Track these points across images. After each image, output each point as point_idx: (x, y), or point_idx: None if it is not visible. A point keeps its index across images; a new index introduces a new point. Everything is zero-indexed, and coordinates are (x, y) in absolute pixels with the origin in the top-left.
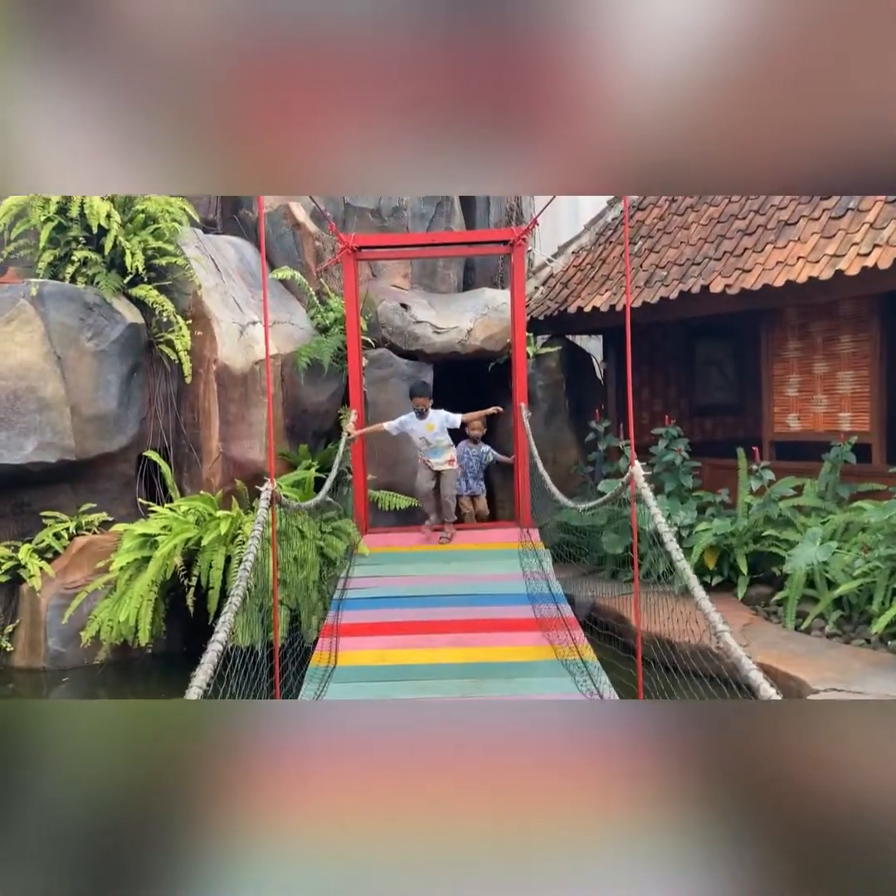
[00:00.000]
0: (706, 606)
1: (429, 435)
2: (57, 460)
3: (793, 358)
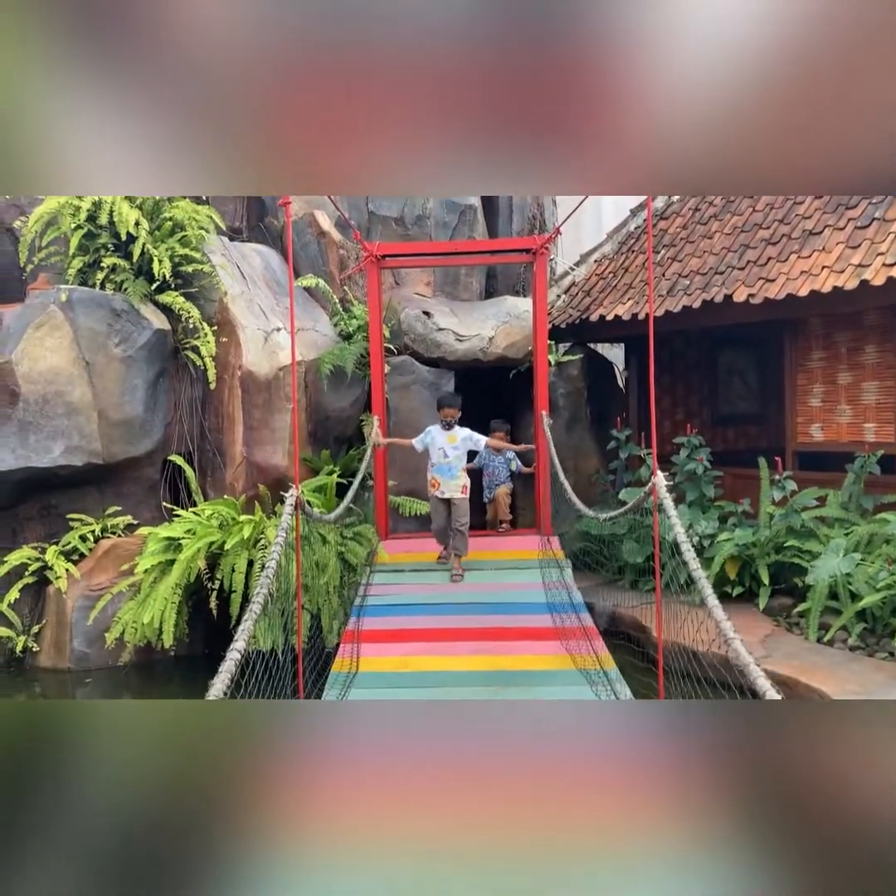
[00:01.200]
0: (719, 615)
1: (448, 447)
2: (84, 464)
3: (816, 368)
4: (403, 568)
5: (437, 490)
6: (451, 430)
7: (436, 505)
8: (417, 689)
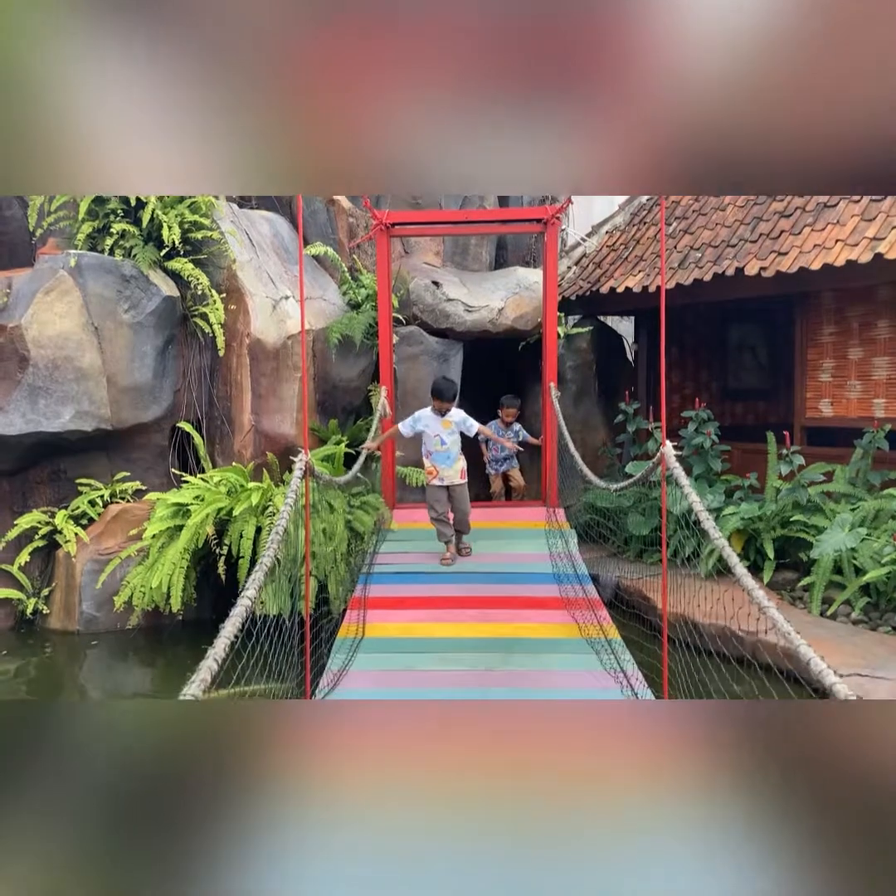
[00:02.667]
0: (748, 583)
1: (444, 433)
2: (93, 429)
3: (827, 343)
4: (410, 537)
5: (435, 478)
6: (444, 416)
7: (435, 493)
8: (422, 653)
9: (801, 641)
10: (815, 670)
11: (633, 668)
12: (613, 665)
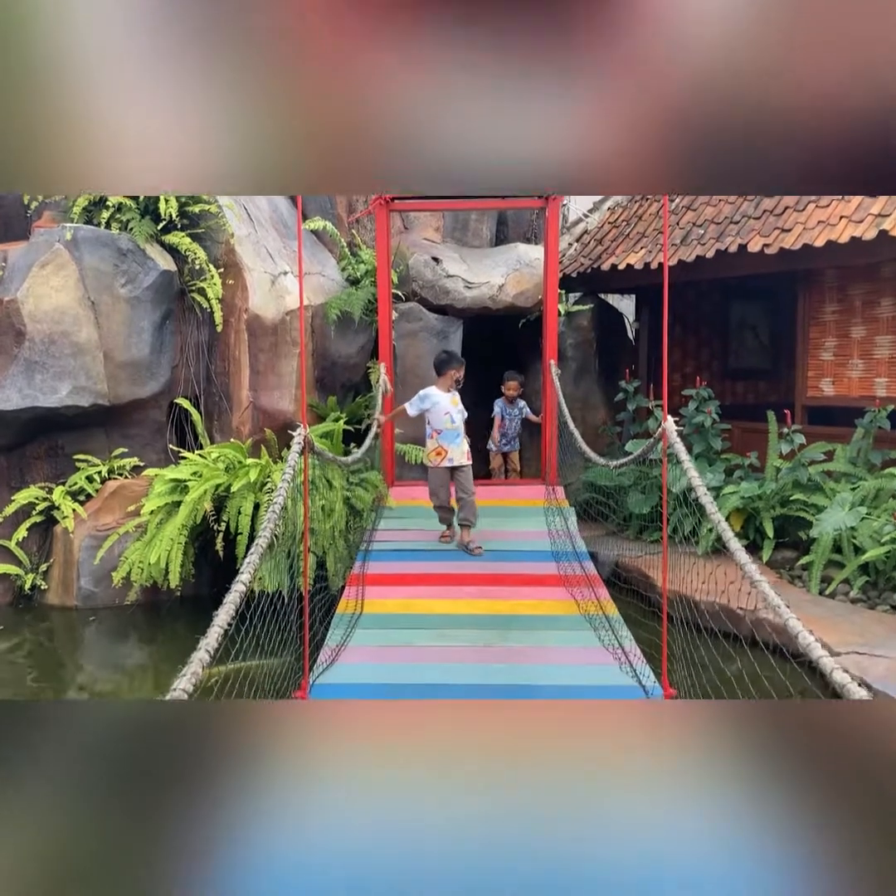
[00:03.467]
0: (742, 558)
1: (454, 411)
2: (90, 405)
3: (830, 321)
4: (408, 514)
5: (444, 459)
6: (450, 392)
7: (439, 477)
8: (420, 629)
9: (791, 615)
10: (804, 644)
11: (631, 644)
12: (612, 641)
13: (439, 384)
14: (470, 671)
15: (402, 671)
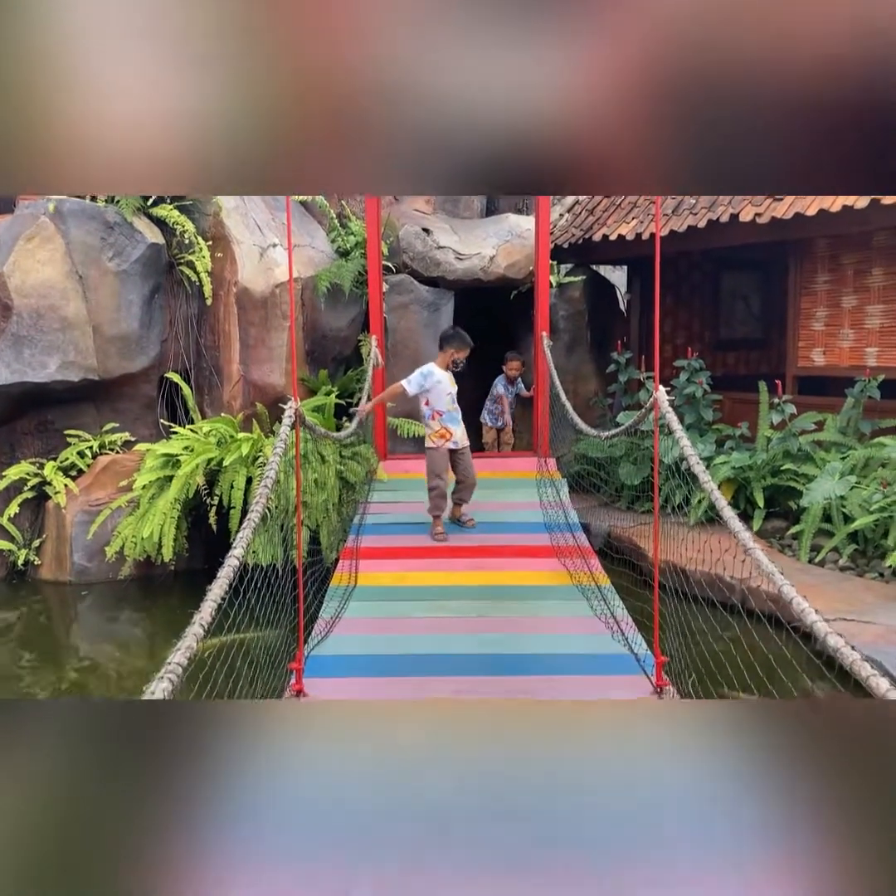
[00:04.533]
0: (735, 526)
1: (454, 391)
2: (80, 379)
3: (821, 291)
4: (401, 487)
5: (448, 442)
6: (448, 371)
7: (442, 461)
8: (414, 601)
9: (785, 581)
10: (798, 609)
11: (623, 613)
12: (604, 611)
13: (439, 361)
14: (463, 641)
15: (395, 642)
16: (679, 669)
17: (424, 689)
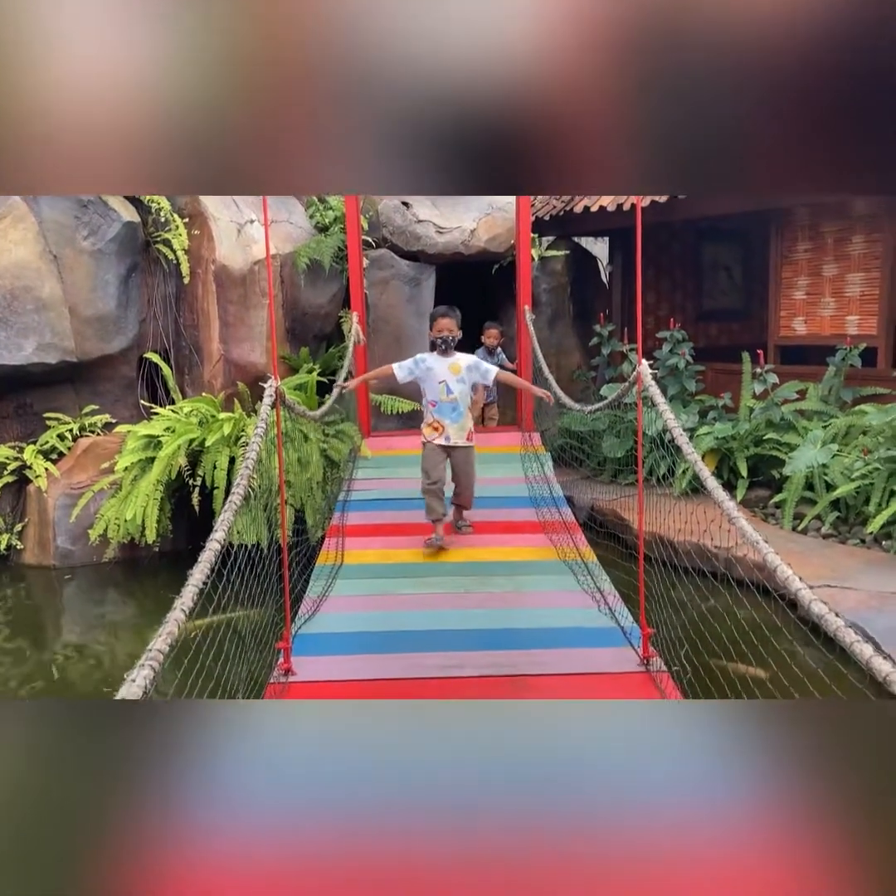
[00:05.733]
0: (720, 495)
1: (452, 379)
2: (57, 361)
3: (802, 260)
4: (385, 464)
5: (440, 436)
6: (451, 358)
7: (432, 456)
8: (400, 578)
9: (769, 549)
10: (782, 577)
11: (609, 586)
12: (590, 584)
13: (437, 347)
14: (450, 617)
15: (382, 619)
16: (668, 640)
17: (411, 664)
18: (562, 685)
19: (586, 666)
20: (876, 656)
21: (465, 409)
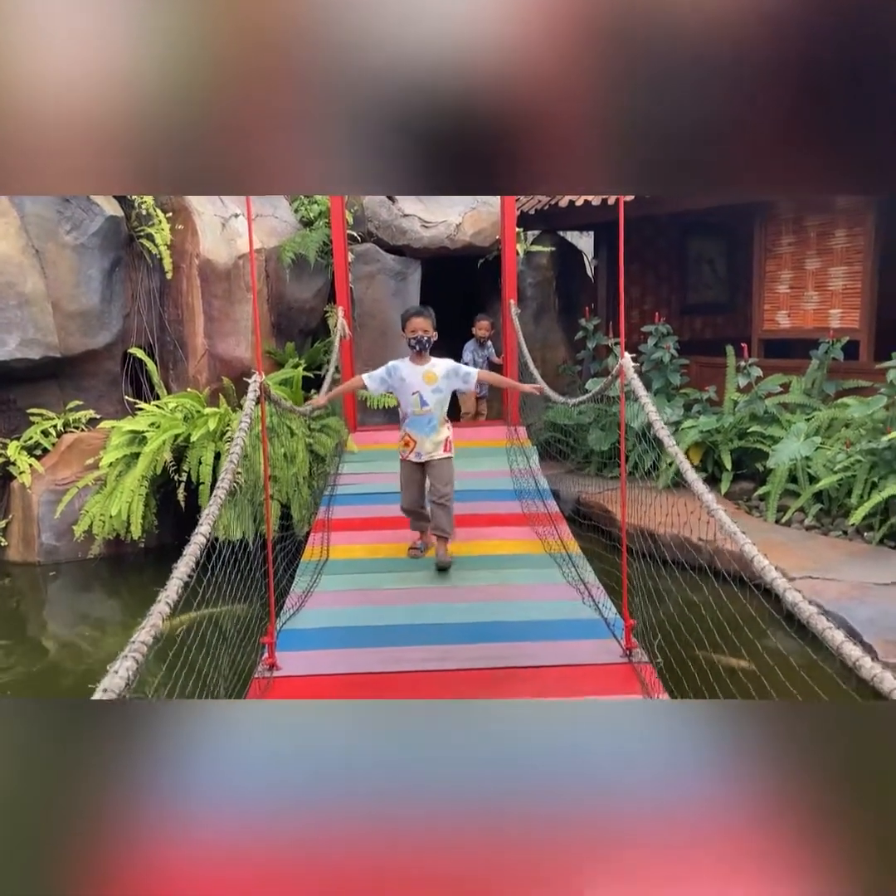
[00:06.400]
0: (699, 488)
1: (426, 390)
2: (41, 357)
3: (786, 254)
4: (372, 458)
5: (411, 451)
6: (426, 364)
7: (408, 472)
8: (386, 573)
9: (747, 541)
10: (759, 567)
11: (593, 578)
12: (574, 577)
13: (411, 355)
14: (435, 611)
15: (367, 614)
16: (651, 631)
17: (396, 658)
18: (545, 677)
19: (569, 658)
20: (846, 642)
21: (440, 420)
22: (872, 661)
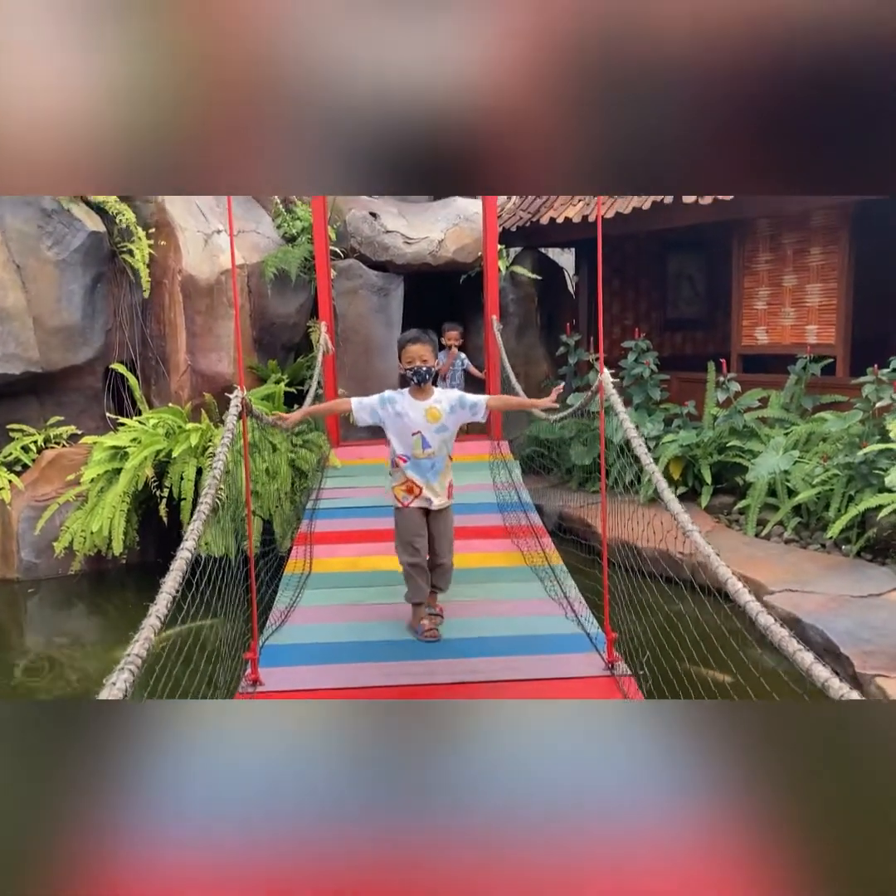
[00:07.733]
0: (675, 508)
1: (429, 430)
2: (21, 372)
3: (763, 271)
4: (354, 473)
5: (417, 499)
6: (428, 400)
7: (411, 521)
8: (369, 587)
9: (721, 563)
10: (732, 590)
11: (575, 592)
12: (557, 591)
13: (411, 386)
14: None
15: (350, 630)
16: (633, 645)
17: (380, 673)
18: (529, 691)
19: (553, 671)
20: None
21: (445, 461)
22: (840, 681)
